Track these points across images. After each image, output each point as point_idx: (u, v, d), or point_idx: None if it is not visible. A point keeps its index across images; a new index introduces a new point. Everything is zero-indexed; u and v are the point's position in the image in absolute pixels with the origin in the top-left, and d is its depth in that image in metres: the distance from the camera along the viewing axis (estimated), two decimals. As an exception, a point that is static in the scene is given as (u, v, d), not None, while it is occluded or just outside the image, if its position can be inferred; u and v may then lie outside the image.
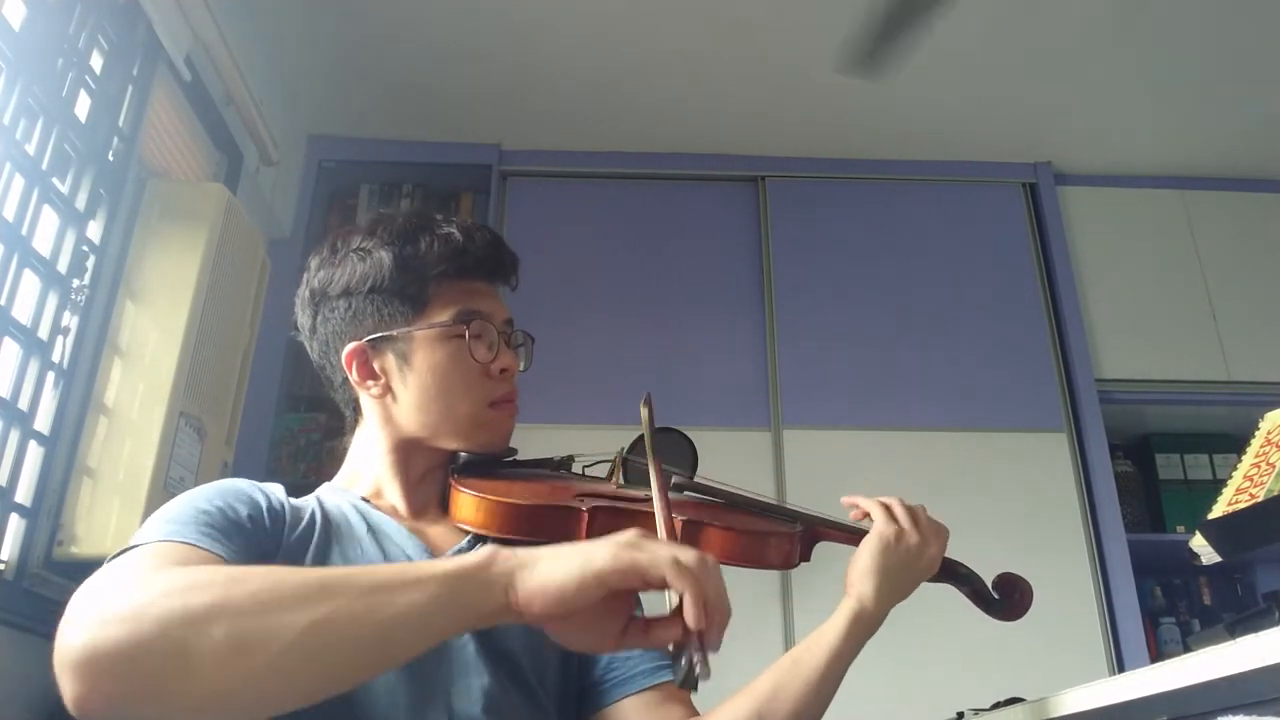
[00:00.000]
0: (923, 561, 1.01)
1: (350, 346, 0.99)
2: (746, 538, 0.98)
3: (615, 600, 0.67)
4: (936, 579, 1.09)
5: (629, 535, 0.68)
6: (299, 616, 0.60)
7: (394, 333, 0.98)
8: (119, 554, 0.74)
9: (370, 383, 1.00)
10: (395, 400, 0.99)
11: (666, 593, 0.67)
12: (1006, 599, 1.08)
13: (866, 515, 1.04)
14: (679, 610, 0.66)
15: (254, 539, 0.84)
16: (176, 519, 0.79)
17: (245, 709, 0.61)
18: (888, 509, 1.03)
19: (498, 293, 1.07)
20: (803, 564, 1.04)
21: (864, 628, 0.97)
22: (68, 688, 0.58)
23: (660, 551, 0.66)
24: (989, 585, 1.09)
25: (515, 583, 0.65)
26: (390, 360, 0.99)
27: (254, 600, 0.61)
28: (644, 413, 1.05)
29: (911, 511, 1.04)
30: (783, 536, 1.01)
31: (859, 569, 0.99)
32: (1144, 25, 2.48)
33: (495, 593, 0.65)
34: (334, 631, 0.61)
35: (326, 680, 0.63)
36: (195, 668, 0.58)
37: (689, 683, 0.65)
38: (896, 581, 0.99)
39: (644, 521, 0.96)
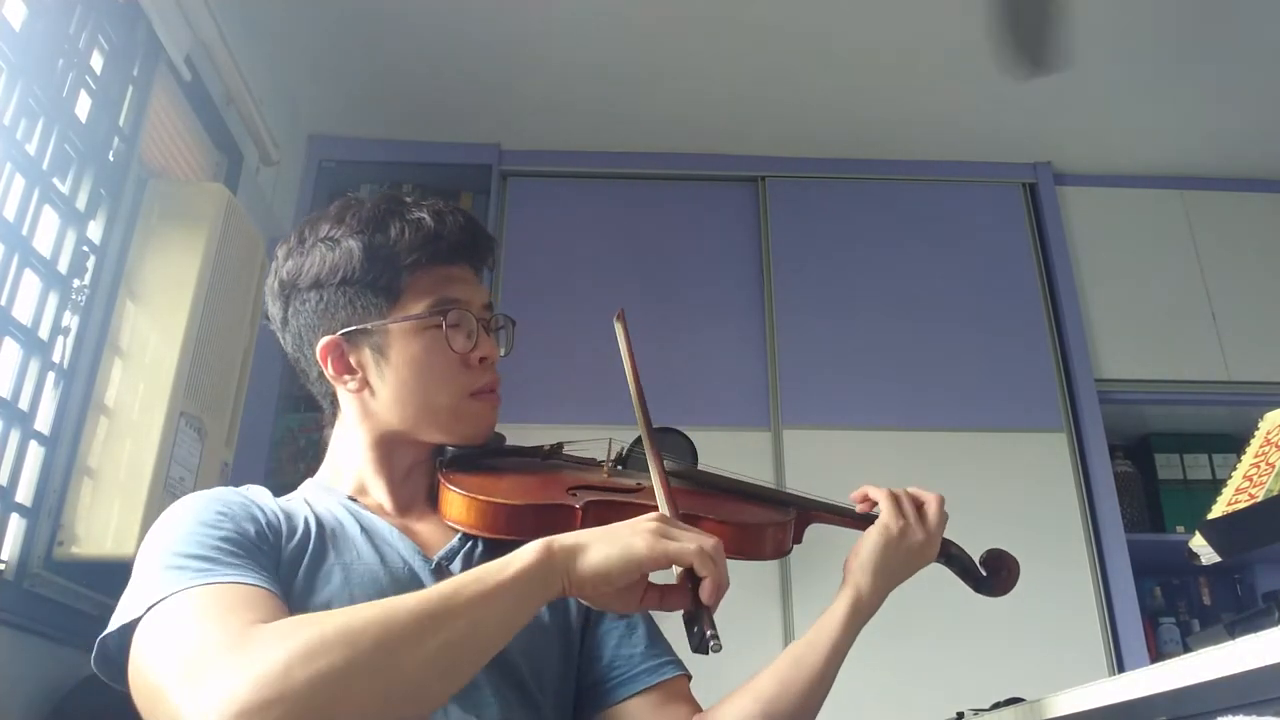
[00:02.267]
0: (924, 555, 1.02)
1: (324, 341, 0.96)
2: (742, 531, 0.97)
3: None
4: None
5: (655, 522, 0.78)
6: (422, 651, 0.67)
7: (368, 326, 0.95)
8: (160, 601, 0.73)
9: (347, 377, 0.97)
10: (373, 394, 0.97)
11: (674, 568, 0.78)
12: (994, 575, 1.09)
13: (875, 505, 1.04)
14: (685, 580, 0.77)
15: (269, 559, 0.83)
16: (203, 555, 0.77)
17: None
18: (896, 502, 1.02)
19: (475, 275, 1.02)
20: (801, 555, 1.05)
21: (861, 618, 0.98)
22: None
23: (688, 544, 0.76)
24: (977, 562, 1.10)
25: (570, 571, 0.75)
26: (366, 354, 0.96)
27: (381, 649, 0.66)
28: (618, 329, 1.00)
29: (918, 504, 1.03)
30: (777, 526, 1.01)
31: (860, 560, 1.00)
32: (1144, 25, 2.48)
33: (555, 583, 0.74)
34: (453, 650, 0.69)
35: (452, 688, 0.72)
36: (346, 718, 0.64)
37: (702, 650, 0.75)
38: (895, 573, 1.00)
39: (638, 513, 0.97)
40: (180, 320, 1.81)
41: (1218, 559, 0.92)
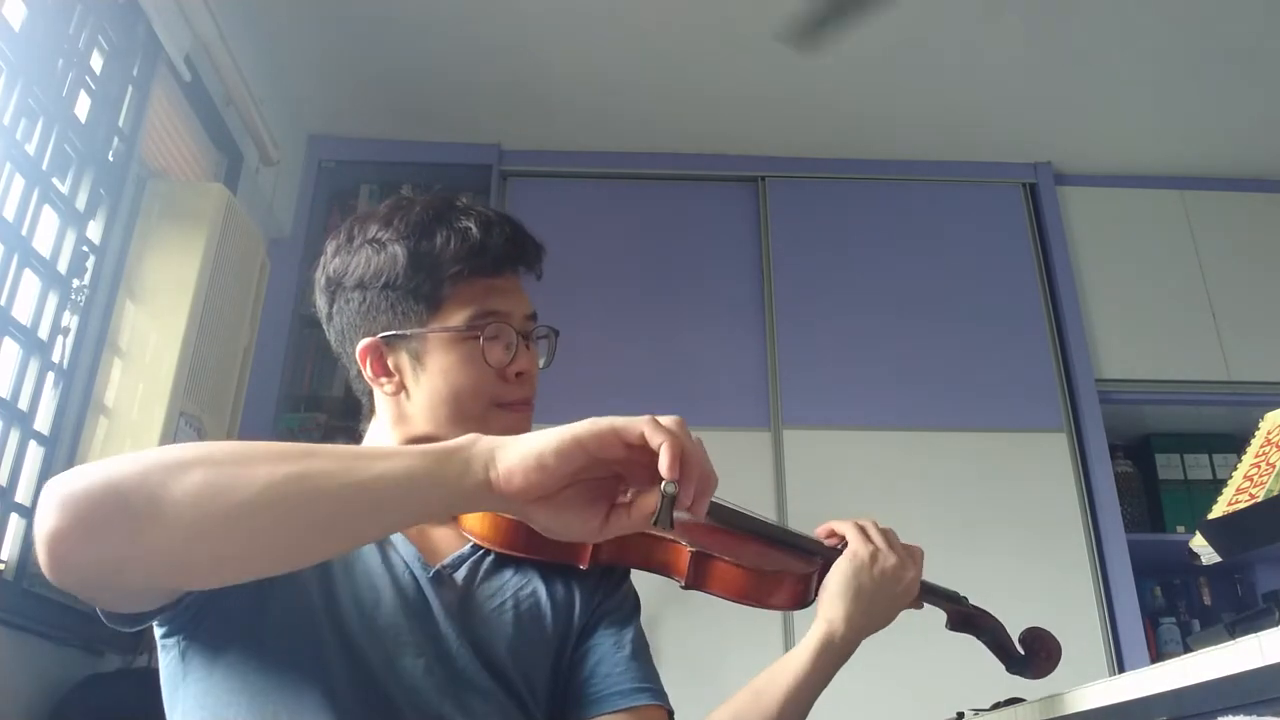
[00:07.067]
0: (901, 585, 1.00)
1: (364, 342, 0.97)
2: (757, 577, 0.94)
3: (598, 486, 0.71)
4: (956, 629, 1.06)
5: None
6: (275, 468, 0.62)
7: (407, 332, 0.96)
8: None
9: (384, 379, 0.97)
10: (409, 398, 0.97)
11: (659, 488, 0.66)
12: (1032, 656, 1.03)
13: (841, 539, 1.02)
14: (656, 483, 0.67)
15: None
16: None
17: (214, 558, 0.63)
18: (862, 530, 1.01)
19: (520, 284, 1.02)
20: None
21: (834, 655, 0.95)
22: (47, 522, 0.60)
23: (638, 417, 0.68)
24: (1014, 640, 1.05)
25: (496, 458, 0.67)
26: (404, 358, 0.97)
27: (234, 453, 0.63)
28: None
29: (886, 533, 1.02)
30: (797, 578, 0.97)
31: (830, 592, 0.98)
32: (1144, 25, 2.48)
33: (476, 468, 0.66)
34: (308, 483, 0.63)
35: (294, 535, 0.64)
36: (170, 505, 0.60)
37: (663, 522, 0.65)
38: (871, 605, 0.98)
39: (657, 545, 0.94)
40: (180, 320, 1.81)
41: (1218, 559, 0.92)
